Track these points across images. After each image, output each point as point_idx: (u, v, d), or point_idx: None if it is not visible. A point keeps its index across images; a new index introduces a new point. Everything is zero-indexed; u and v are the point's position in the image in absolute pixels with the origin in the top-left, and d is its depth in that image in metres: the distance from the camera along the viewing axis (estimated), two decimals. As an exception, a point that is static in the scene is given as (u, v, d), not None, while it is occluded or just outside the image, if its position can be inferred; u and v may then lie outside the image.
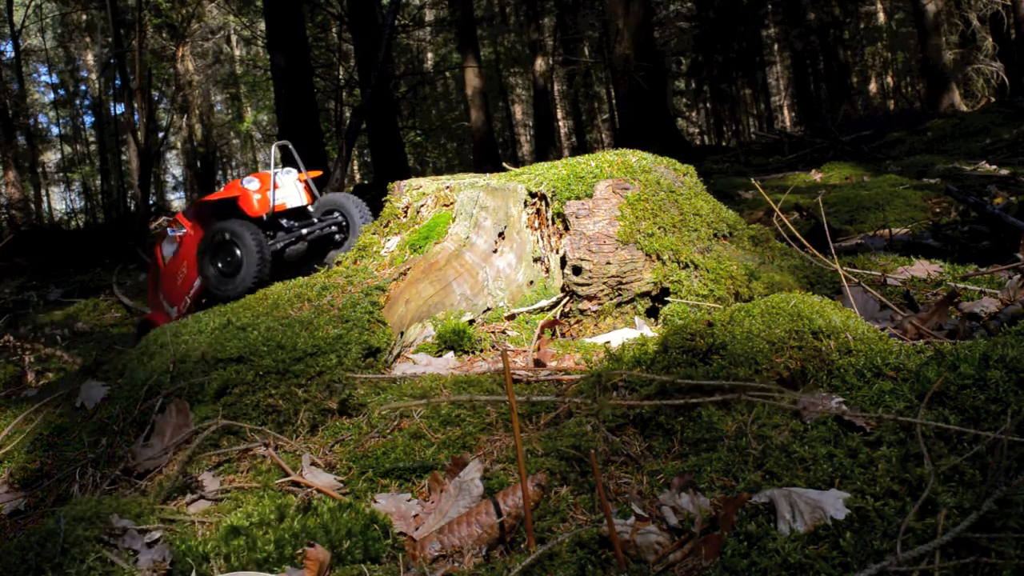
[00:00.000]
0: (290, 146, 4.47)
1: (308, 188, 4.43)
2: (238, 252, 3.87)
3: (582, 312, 3.59)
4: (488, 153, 21.82)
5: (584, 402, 2.25)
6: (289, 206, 4.32)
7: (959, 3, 18.66)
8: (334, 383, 2.75)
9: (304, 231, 4.30)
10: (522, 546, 1.71)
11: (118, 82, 16.71)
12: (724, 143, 28.11)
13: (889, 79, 33.63)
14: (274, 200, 4.19)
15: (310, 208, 4.43)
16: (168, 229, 4.68)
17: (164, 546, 1.84)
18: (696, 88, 26.73)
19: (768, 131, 23.84)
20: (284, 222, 4.30)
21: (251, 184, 4.19)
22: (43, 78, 32.63)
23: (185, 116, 25.89)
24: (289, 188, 4.31)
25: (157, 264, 4.88)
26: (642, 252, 3.50)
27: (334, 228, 4.41)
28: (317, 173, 4.65)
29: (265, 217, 4.22)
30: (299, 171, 4.46)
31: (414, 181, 4.51)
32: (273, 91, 15.75)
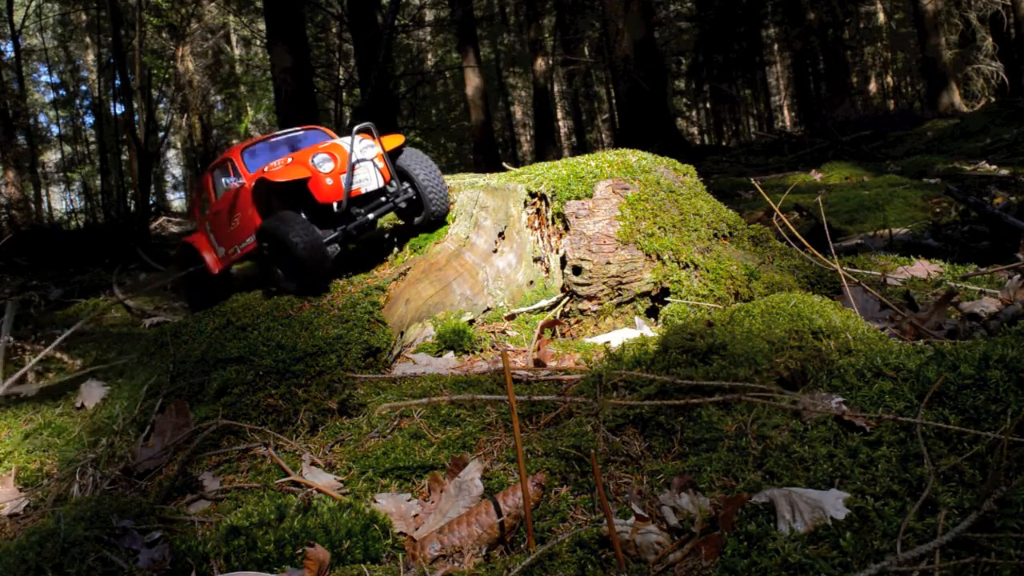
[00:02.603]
0: (372, 128, 3.90)
1: (386, 164, 3.90)
2: (291, 252, 3.52)
3: (582, 312, 3.59)
4: (488, 153, 21.81)
5: (584, 402, 2.25)
6: (364, 191, 3.79)
7: (959, 3, 18.66)
8: (334, 383, 2.75)
9: (371, 216, 3.82)
10: (522, 546, 1.71)
11: (118, 82, 16.69)
12: (724, 143, 28.12)
13: (889, 79, 33.63)
14: (349, 186, 3.68)
15: (388, 188, 3.92)
16: (224, 180, 4.31)
17: (164, 546, 1.84)
18: (696, 88, 26.74)
19: (768, 131, 23.84)
20: (352, 209, 3.81)
21: (324, 165, 3.67)
22: (43, 78, 32.65)
23: (185, 116, 25.89)
24: (366, 170, 3.81)
25: (207, 191, 4.67)
26: (642, 252, 3.50)
27: (404, 205, 3.93)
28: (399, 140, 4.06)
29: (336, 207, 3.71)
30: (375, 137, 3.92)
31: (414, 181, 4.51)
32: (273, 91, 15.74)
